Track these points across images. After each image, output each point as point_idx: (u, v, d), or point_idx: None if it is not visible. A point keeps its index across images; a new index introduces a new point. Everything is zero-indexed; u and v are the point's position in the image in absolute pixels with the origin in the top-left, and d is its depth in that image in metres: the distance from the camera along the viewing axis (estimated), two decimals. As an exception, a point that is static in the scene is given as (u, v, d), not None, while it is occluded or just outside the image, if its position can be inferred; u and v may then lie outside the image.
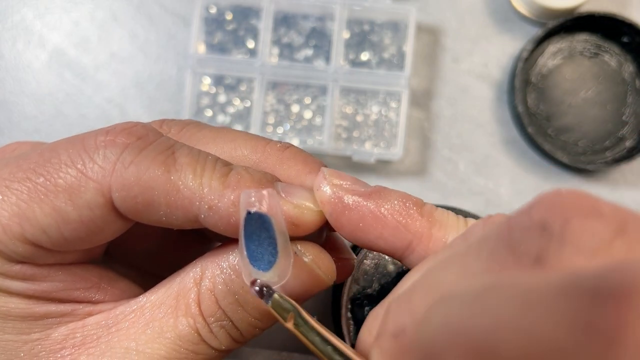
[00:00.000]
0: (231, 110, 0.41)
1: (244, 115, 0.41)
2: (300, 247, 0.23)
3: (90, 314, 0.24)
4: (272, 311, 0.21)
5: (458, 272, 0.17)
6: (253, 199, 0.20)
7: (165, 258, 0.28)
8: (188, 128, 0.26)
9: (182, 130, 0.25)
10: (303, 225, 0.22)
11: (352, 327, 0.34)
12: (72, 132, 0.43)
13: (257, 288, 0.21)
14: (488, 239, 0.17)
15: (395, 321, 0.18)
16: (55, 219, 0.21)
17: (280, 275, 0.21)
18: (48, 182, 0.21)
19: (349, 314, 0.34)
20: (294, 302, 0.21)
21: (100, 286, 0.24)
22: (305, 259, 0.22)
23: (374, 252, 0.34)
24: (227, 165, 0.22)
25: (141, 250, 0.28)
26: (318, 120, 0.41)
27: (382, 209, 0.22)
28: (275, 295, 0.21)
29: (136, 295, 0.25)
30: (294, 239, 0.22)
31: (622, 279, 0.12)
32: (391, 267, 0.34)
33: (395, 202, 0.22)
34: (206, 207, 0.21)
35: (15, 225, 0.21)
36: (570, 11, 0.42)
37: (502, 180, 0.43)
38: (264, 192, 0.21)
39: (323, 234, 0.25)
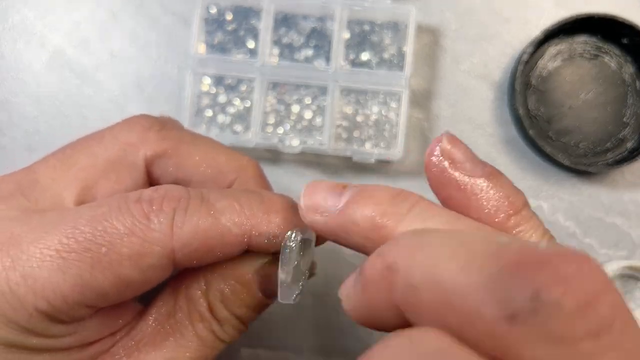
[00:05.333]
0: (231, 110, 0.42)
1: (244, 116, 0.41)
2: None
3: (114, 344, 0.26)
4: None
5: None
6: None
7: None
8: (170, 128, 0.29)
9: (164, 129, 0.29)
10: (326, 233, 0.26)
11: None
12: (73, 132, 0.43)
13: None
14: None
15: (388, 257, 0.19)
16: (118, 284, 0.23)
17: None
18: (112, 252, 0.23)
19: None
20: None
21: (120, 315, 0.26)
22: None
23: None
24: (256, 194, 0.26)
25: None
26: (318, 120, 0.41)
27: (476, 201, 0.22)
28: None
29: (138, 308, 0.27)
30: None
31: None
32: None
33: (496, 198, 0.22)
34: (256, 234, 0.25)
35: (77, 294, 0.23)
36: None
37: (502, 180, 0.43)
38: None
39: None
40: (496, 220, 0.22)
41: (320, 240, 0.27)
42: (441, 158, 0.23)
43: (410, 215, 0.21)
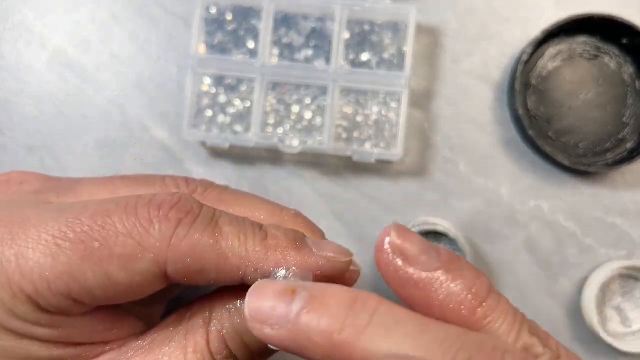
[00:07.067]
0: (231, 110, 0.42)
1: (244, 116, 0.41)
2: None
3: (102, 353, 0.26)
4: None
5: None
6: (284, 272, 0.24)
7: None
8: (210, 191, 0.29)
9: (206, 192, 0.29)
10: (336, 276, 0.25)
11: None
12: (73, 132, 0.43)
13: None
14: None
15: None
16: (105, 282, 0.23)
17: None
18: (104, 249, 0.23)
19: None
20: None
21: (114, 326, 0.26)
22: None
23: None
24: (263, 229, 0.25)
25: None
26: (318, 120, 0.41)
27: (438, 298, 0.21)
28: None
29: (140, 329, 0.27)
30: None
31: None
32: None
33: (458, 292, 0.21)
34: (252, 269, 0.24)
35: (62, 283, 0.23)
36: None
37: (502, 180, 0.43)
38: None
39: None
40: (462, 315, 0.21)
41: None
42: (393, 255, 0.21)
43: (372, 326, 0.19)
